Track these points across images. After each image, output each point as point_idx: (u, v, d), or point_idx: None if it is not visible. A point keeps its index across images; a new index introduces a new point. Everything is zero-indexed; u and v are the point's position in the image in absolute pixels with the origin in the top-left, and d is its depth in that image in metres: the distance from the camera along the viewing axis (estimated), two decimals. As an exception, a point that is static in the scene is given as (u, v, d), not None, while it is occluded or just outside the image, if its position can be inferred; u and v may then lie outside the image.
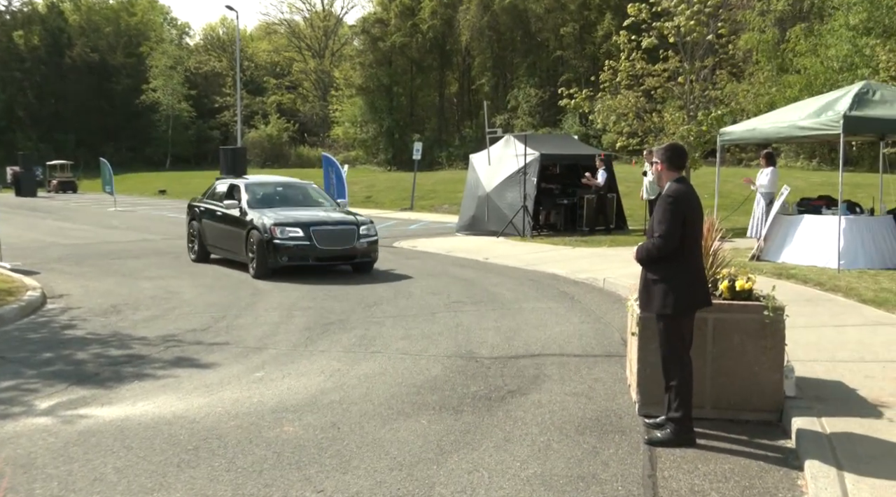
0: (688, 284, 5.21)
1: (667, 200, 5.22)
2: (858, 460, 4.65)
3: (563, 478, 4.69)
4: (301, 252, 12.23)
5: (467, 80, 61.95)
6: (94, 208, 32.13)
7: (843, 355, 7.08)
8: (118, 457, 5.04)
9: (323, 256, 12.43)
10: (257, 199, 13.60)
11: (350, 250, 12.55)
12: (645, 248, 5.29)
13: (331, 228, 12.51)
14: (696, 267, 5.30)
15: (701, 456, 5.04)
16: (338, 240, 12.46)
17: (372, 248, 12.82)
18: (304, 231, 12.26)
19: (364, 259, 12.88)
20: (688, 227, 5.18)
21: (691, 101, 18.68)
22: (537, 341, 8.19)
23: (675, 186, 5.28)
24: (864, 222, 12.18)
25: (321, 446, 5.21)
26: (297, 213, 12.89)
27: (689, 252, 5.23)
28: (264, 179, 15.36)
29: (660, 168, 5.42)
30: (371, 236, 12.78)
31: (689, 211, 5.21)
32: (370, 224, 12.99)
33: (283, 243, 12.15)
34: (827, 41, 33.69)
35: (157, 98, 68.86)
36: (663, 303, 5.20)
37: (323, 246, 12.32)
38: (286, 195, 14.23)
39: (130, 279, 12.61)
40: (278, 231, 12.18)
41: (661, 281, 5.21)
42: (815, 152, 35.33)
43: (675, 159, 5.39)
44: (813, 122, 12.06)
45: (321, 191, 14.98)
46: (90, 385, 6.66)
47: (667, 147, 5.50)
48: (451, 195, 30.17)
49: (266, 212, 12.81)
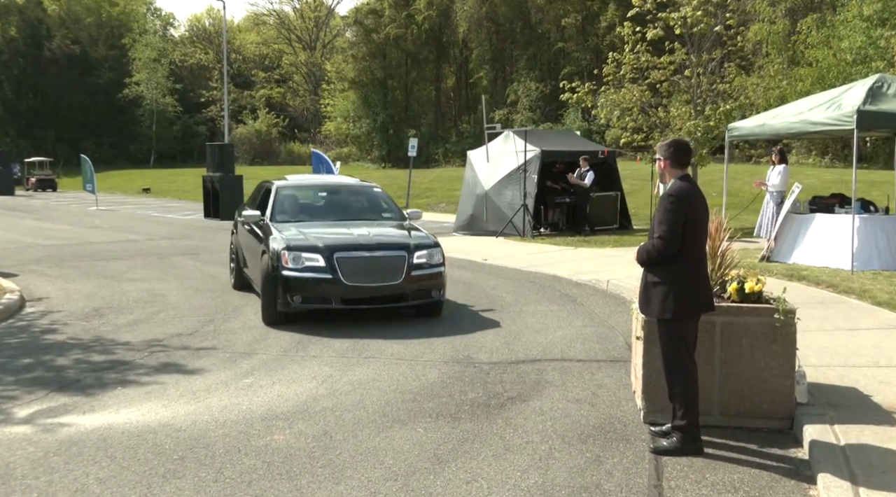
0: (689, 288, 5.20)
1: (668, 200, 5.19)
2: (873, 471, 4.66)
3: (565, 488, 4.70)
4: (320, 290, 9.04)
5: (465, 74, 61.96)
6: (74, 207, 32.10)
7: (857, 360, 7.10)
8: (101, 467, 5.04)
9: (353, 297, 9.11)
10: (288, 208, 10.84)
11: (395, 288, 9.19)
12: (645, 249, 5.29)
13: (365, 256, 9.19)
14: (698, 269, 5.29)
15: (708, 465, 5.05)
16: (376, 272, 9.13)
17: (433, 284, 9.45)
18: (326, 259, 9.02)
19: (418, 301, 9.45)
20: (690, 227, 5.16)
21: (698, 95, 18.70)
22: (538, 346, 8.20)
23: (679, 185, 5.26)
24: (878, 222, 12.21)
25: (313, 455, 5.21)
26: (327, 232, 9.80)
27: (691, 254, 5.21)
28: (305, 181, 12.60)
29: (663, 165, 5.40)
30: (431, 266, 9.44)
31: (692, 211, 5.19)
32: (432, 248, 9.57)
33: (295, 276, 8.99)
34: (840, 33, 33.77)
35: (140, 92, 68.76)
36: (663, 306, 5.20)
37: (353, 282, 9.00)
38: (333, 203, 11.32)
39: (113, 281, 12.59)
40: (289, 258, 9.05)
41: (662, 283, 5.20)
42: (827, 149, 35.40)
43: (679, 156, 5.36)
44: (825, 117, 12.08)
45: (387, 197, 11.60)
46: (71, 392, 6.65)
47: (670, 143, 5.47)
48: (448, 193, 30.20)
49: (288, 228, 9.88)
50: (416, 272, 9.26)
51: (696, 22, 17.90)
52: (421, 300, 9.45)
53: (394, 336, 8.63)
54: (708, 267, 5.81)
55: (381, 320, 9.45)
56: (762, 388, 5.64)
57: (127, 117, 69.74)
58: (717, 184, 22.47)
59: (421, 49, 60.25)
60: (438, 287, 9.54)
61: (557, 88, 25.14)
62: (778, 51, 37.19)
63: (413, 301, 9.41)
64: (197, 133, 69.94)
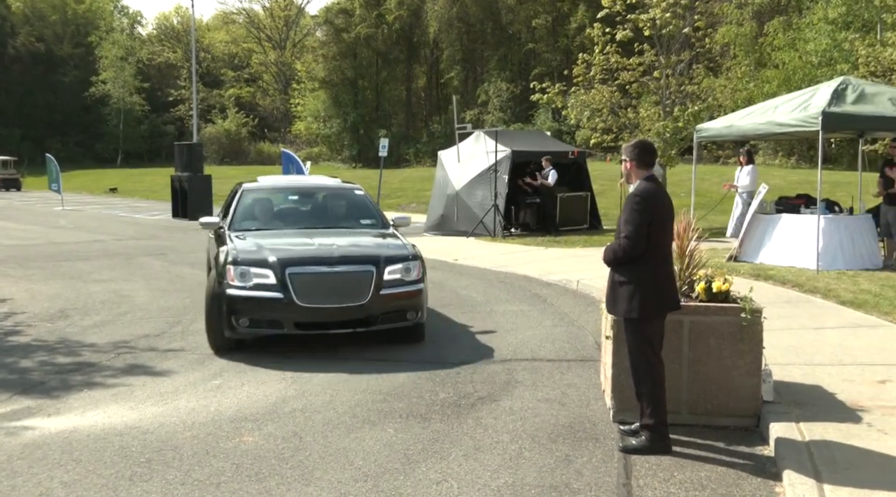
0: (655, 287, 5.25)
1: (634, 200, 5.23)
2: (837, 467, 4.74)
3: (534, 487, 4.72)
4: (270, 312, 7.69)
5: (436, 74, 61.98)
6: (39, 207, 31.64)
7: (822, 358, 7.20)
8: (66, 470, 4.98)
9: (308, 321, 7.77)
10: (252, 214, 9.53)
11: (359, 309, 7.77)
12: (611, 248, 5.33)
13: (324, 272, 7.80)
14: (664, 269, 5.34)
15: (677, 463, 5.09)
16: (336, 291, 7.75)
17: (409, 304, 8.05)
18: (278, 275, 7.67)
19: (389, 324, 8.02)
20: (656, 228, 5.21)
21: (667, 96, 18.88)
22: (508, 345, 8.22)
23: (644, 185, 5.31)
24: (843, 222, 12.40)
25: (282, 457, 5.18)
26: (285, 243, 8.48)
27: (657, 254, 5.26)
28: (278, 183, 11.02)
29: (629, 166, 5.45)
30: (407, 283, 8.04)
31: (658, 212, 5.24)
32: (409, 261, 8.16)
33: (242, 296, 7.65)
34: (805, 35, 34.31)
35: (107, 91, 67.94)
36: (629, 306, 5.24)
37: (308, 302, 7.63)
38: (305, 208, 10.10)
39: (79, 282, 12.43)
40: (235, 274, 7.73)
41: (628, 283, 5.24)
42: (793, 150, 35.92)
43: (645, 156, 5.41)
44: (791, 119, 12.24)
45: (369, 201, 10.13)
46: (36, 394, 6.56)
47: (635, 144, 5.51)
48: (418, 193, 30.20)
49: (244, 238, 8.57)
50: (386, 290, 7.86)
51: (664, 24, 18.07)
52: (392, 323, 8.04)
53: (364, 337, 8.61)
54: (676, 267, 5.87)
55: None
56: (729, 387, 5.70)
57: (93, 116, 68.85)
58: (685, 184, 22.70)
59: (391, 49, 60.19)
60: (416, 307, 8.06)
61: (528, 89, 25.25)
62: (745, 53, 37.70)
63: (383, 324, 7.96)
64: (165, 132, 69.27)
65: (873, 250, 12.43)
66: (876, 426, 5.39)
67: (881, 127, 12.86)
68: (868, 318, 8.89)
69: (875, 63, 24.16)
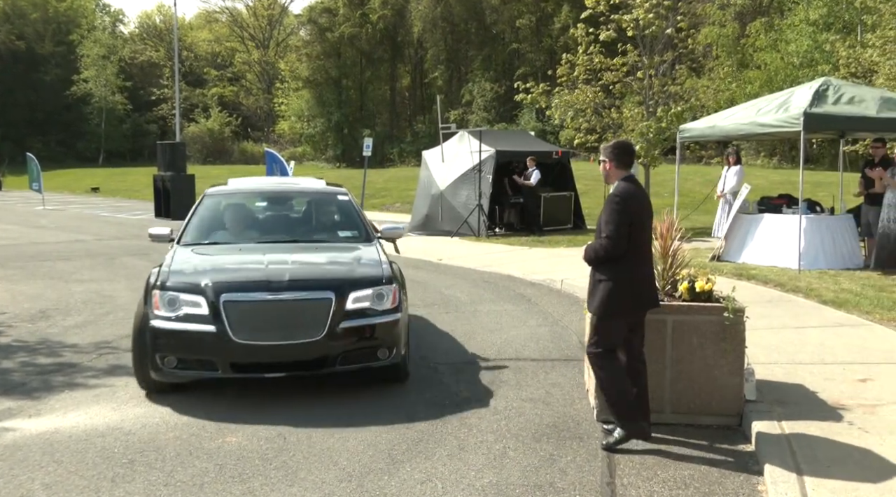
0: (632, 286, 5.32)
1: (614, 200, 5.29)
2: (818, 464, 4.78)
3: (519, 487, 4.72)
4: (201, 349, 6.23)
5: (420, 74, 61.92)
6: (20, 207, 31.35)
7: (804, 357, 7.25)
8: (47, 472, 4.94)
9: (246, 362, 6.25)
10: (209, 224, 8.07)
11: (311, 347, 6.23)
12: (593, 248, 5.38)
13: (267, 300, 6.26)
14: (643, 268, 5.40)
15: (660, 462, 5.12)
16: (283, 324, 6.24)
17: (380, 340, 6.47)
18: (210, 302, 6.21)
19: (353, 365, 6.46)
20: (635, 227, 5.27)
21: (650, 96, 18.95)
22: (493, 345, 8.23)
23: (623, 186, 5.37)
24: (824, 222, 12.49)
25: (266, 457, 5.17)
26: (230, 261, 7.07)
27: (636, 253, 5.32)
28: (247, 187, 9.02)
29: (608, 167, 5.49)
30: (377, 314, 6.47)
31: (637, 211, 5.31)
32: (382, 286, 6.58)
33: (167, 328, 6.23)
34: (787, 36, 34.57)
35: (89, 89, 67.37)
36: (606, 303, 5.29)
37: (246, 338, 6.12)
38: (274, 216, 8.61)
39: (61, 282, 12.34)
40: (161, 300, 6.33)
41: (607, 281, 5.30)
42: (775, 150, 36.16)
43: (624, 157, 5.47)
44: (773, 119, 12.32)
45: (353, 208, 8.45)
46: (16, 396, 6.51)
47: (614, 144, 5.56)
48: (403, 193, 30.16)
49: (188, 254, 7.20)
50: (349, 322, 6.30)
51: (647, 24, 18.13)
52: (358, 364, 6.43)
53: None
54: (659, 266, 5.90)
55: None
56: (712, 386, 5.74)
57: (75, 115, 68.26)
58: (668, 184, 22.79)
59: (376, 48, 60.05)
60: (390, 344, 6.47)
61: (512, 89, 25.27)
62: (727, 54, 37.91)
63: (344, 365, 6.36)
64: (147, 131, 68.77)
65: (854, 250, 12.54)
66: (857, 424, 5.44)
67: (862, 127, 12.97)
68: (849, 317, 8.96)
69: (856, 64, 24.38)
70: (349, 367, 6.45)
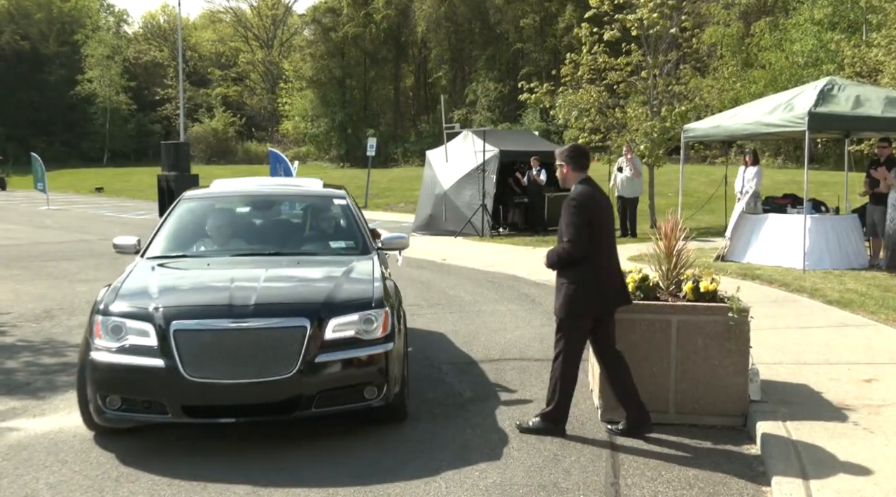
0: (598, 288, 5.40)
1: (572, 204, 5.38)
2: (823, 465, 4.77)
3: (523, 487, 4.72)
4: (147, 388, 5.22)
5: (424, 73, 61.92)
6: (24, 207, 31.42)
7: (809, 358, 7.24)
8: (51, 472, 4.95)
9: (200, 404, 5.22)
10: (182, 233, 7.06)
11: (281, 386, 5.17)
12: (555, 252, 5.48)
13: (228, 329, 5.23)
14: (608, 269, 5.48)
15: (664, 463, 5.11)
16: (246, 358, 5.18)
17: (365, 376, 5.42)
18: (159, 331, 5.20)
19: (332, 408, 5.39)
20: (595, 229, 5.35)
21: (655, 96, 18.92)
22: (497, 345, 8.23)
23: (580, 189, 5.45)
24: (829, 222, 12.47)
25: (271, 456, 5.17)
26: (193, 279, 6.22)
27: (600, 254, 5.40)
28: (230, 190, 7.90)
29: (565, 170, 5.57)
30: (363, 344, 5.41)
31: (596, 213, 5.39)
32: (370, 310, 5.50)
33: (109, 362, 5.23)
34: (792, 36, 34.50)
35: (93, 89, 67.51)
36: (572, 306, 5.39)
37: (200, 375, 5.10)
38: (259, 224, 7.53)
39: (65, 282, 12.36)
40: (103, 328, 5.33)
41: (572, 284, 5.38)
42: (780, 150, 36.09)
43: (580, 159, 5.57)
44: (778, 119, 12.30)
45: (351, 213, 7.38)
46: (21, 395, 6.52)
47: (569, 148, 5.68)
48: (407, 193, 30.16)
49: (147, 271, 6.20)
50: (327, 356, 5.27)
51: (652, 24, 18.10)
52: (338, 406, 5.38)
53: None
54: (663, 266, 5.90)
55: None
56: (716, 386, 5.73)
57: (79, 115, 68.40)
58: (672, 184, 22.77)
59: (379, 48, 60.07)
60: (379, 381, 5.40)
61: (516, 89, 25.27)
62: (732, 53, 37.86)
63: (321, 408, 5.30)
64: (151, 131, 68.86)
65: (859, 250, 12.51)
66: (862, 425, 5.43)
67: (867, 127, 12.95)
68: (854, 317, 8.94)
69: (861, 63, 24.31)
70: (328, 410, 5.34)
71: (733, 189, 14.87)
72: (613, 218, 5.66)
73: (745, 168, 14.28)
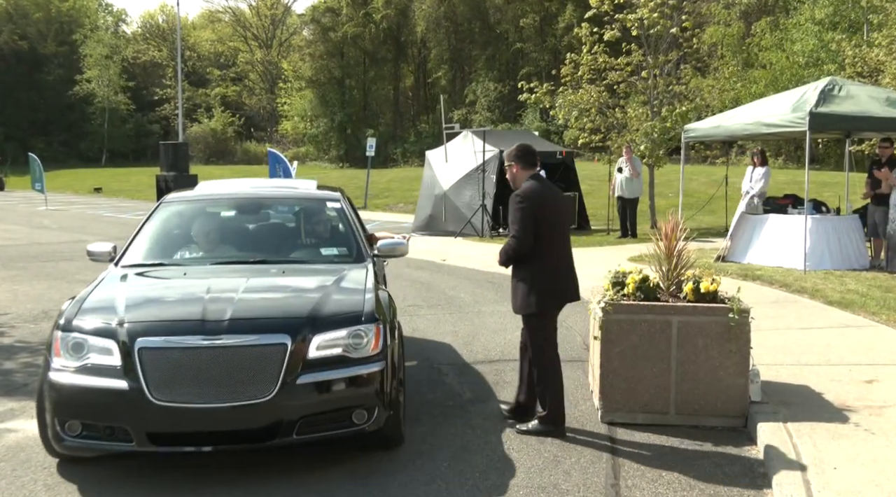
0: (553, 282, 5.57)
1: (516, 199, 5.52)
2: (824, 467, 4.76)
3: (523, 488, 4.72)
4: (110, 412, 4.73)
5: (423, 73, 61.95)
6: (22, 207, 31.42)
7: (810, 358, 7.24)
8: (49, 473, 4.95)
9: (168, 431, 4.76)
10: (160, 239, 6.71)
11: (258, 412, 4.69)
12: (504, 250, 5.61)
13: (198, 345, 4.75)
14: (557, 263, 5.62)
15: (665, 464, 5.11)
16: (219, 379, 4.69)
17: (353, 398, 4.93)
18: (123, 349, 4.75)
19: (315, 434, 4.87)
20: (542, 224, 5.46)
21: (655, 96, 18.92)
22: (497, 346, 8.23)
23: (527, 185, 5.60)
24: (830, 222, 12.47)
25: (268, 457, 5.16)
26: (164, 289, 5.86)
27: (551, 249, 5.55)
28: (215, 192, 7.62)
29: (514, 170, 5.71)
30: (350, 363, 4.92)
31: (542, 208, 5.50)
32: (359, 324, 5.01)
33: (67, 384, 4.76)
34: (793, 36, 34.53)
35: (91, 89, 67.51)
36: (527, 301, 5.53)
37: (168, 398, 4.64)
38: (245, 230, 7.04)
39: (63, 283, 12.35)
40: (63, 345, 4.89)
41: (524, 280, 5.53)
42: (781, 150, 36.11)
43: (527, 157, 5.72)
44: (779, 119, 12.30)
45: (345, 217, 6.89)
46: (19, 396, 6.52)
47: (516, 148, 5.80)
48: (406, 193, 30.15)
49: (118, 281, 5.82)
50: (310, 376, 4.79)
51: (652, 24, 18.11)
52: (323, 432, 4.88)
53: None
54: (663, 266, 5.90)
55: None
56: (717, 387, 5.73)
57: (77, 115, 68.41)
58: (673, 184, 22.78)
59: (379, 48, 60.10)
60: (369, 404, 4.93)
61: (516, 89, 25.25)
62: (733, 53, 37.90)
63: (305, 435, 4.82)
64: (150, 131, 68.87)
65: (860, 250, 12.51)
66: (863, 426, 5.43)
67: (868, 127, 12.96)
68: (855, 318, 8.95)
69: (862, 63, 24.33)
70: (312, 437, 4.85)
71: (734, 189, 14.85)
72: (569, 215, 5.78)
73: (752, 168, 14.22)
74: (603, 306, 5.77)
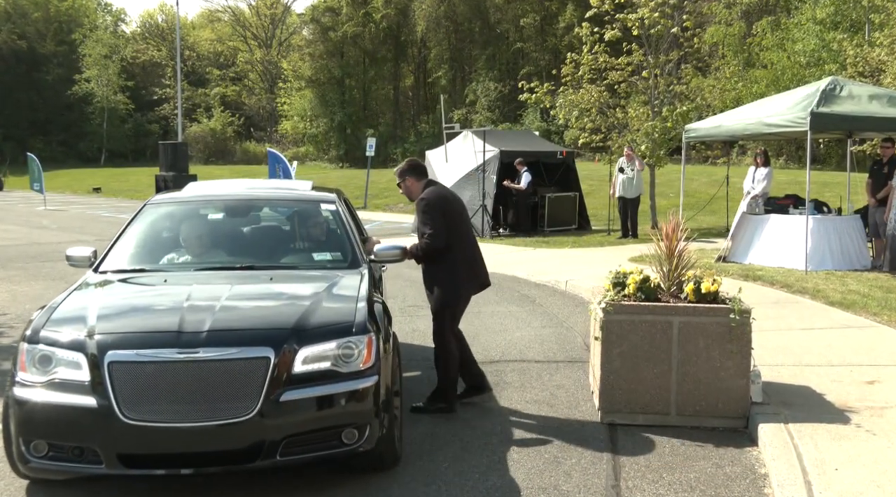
0: (466, 272, 6.15)
1: (421, 203, 6.05)
2: (826, 468, 4.76)
3: (523, 489, 4.72)
4: (77, 432, 4.39)
5: (423, 73, 61.97)
6: (21, 207, 31.43)
7: (811, 359, 7.24)
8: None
9: (140, 453, 4.40)
10: (143, 243, 6.39)
11: (238, 432, 4.34)
12: (417, 246, 6.07)
13: (173, 359, 4.39)
14: (465, 256, 6.17)
15: (665, 465, 5.11)
16: (196, 396, 4.35)
17: (344, 416, 4.58)
18: (91, 362, 4.42)
19: (302, 455, 4.51)
20: (450, 219, 6.05)
21: (656, 96, 18.92)
22: (497, 347, 8.23)
23: (428, 190, 6.17)
24: (831, 223, 12.46)
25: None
26: (140, 297, 5.59)
27: (459, 243, 6.09)
28: (203, 194, 7.15)
29: (409, 184, 6.27)
30: (340, 378, 4.57)
31: (445, 205, 6.09)
32: (349, 335, 4.67)
33: (31, 400, 4.44)
34: (794, 35, 34.54)
35: (90, 89, 67.53)
36: (455, 295, 6.11)
37: (140, 417, 4.28)
38: (233, 233, 6.64)
39: (62, 283, 12.33)
40: (28, 358, 4.59)
41: (446, 273, 6.06)
42: (782, 150, 36.11)
43: (417, 169, 6.33)
44: (780, 119, 12.30)
45: (339, 221, 6.50)
46: (18, 397, 6.51)
47: (405, 164, 6.39)
48: (406, 194, 30.13)
49: (91, 288, 5.73)
50: (295, 393, 4.46)
51: (653, 23, 18.11)
52: (309, 453, 4.54)
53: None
54: (664, 266, 5.90)
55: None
56: (718, 388, 5.73)
57: (76, 115, 68.43)
58: (674, 184, 22.78)
59: (379, 48, 60.11)
60: (360, 422, 4.60)
61: (516, 88, 25.27)
62: (734, 53, 37.91)
63: (289, 456, 4.47)
64: (149, 131, 68.89)
65: (862, 251, 12.50)
66: (864, 427, 5.43)
67: (869, 127, 12.95)
68: (857, 318, 8.94)
69: (863, 63, 24.34)
70: (298, 458, 4.50)
71: (735, 189, 14.82)
72: (468, 212, 6.46)
73: (755, 168, 14.19)
74: (604, 307, 5.76)
